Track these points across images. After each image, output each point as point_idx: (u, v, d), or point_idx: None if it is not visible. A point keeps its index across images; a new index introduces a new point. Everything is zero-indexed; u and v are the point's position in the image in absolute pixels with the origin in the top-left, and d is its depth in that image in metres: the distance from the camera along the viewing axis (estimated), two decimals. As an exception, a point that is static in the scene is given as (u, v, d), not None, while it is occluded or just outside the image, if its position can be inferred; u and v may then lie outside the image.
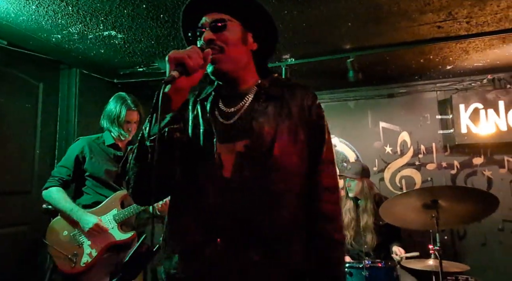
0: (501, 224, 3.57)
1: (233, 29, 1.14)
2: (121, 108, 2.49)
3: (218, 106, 1.16)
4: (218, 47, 1.10)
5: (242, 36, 1.15)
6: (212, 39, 1.10)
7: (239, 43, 1.14)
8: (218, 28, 1.12)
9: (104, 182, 2.45)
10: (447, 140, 3.86)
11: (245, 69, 1.18)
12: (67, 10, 2.43)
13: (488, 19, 2.62)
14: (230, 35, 1.13)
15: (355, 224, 3.15)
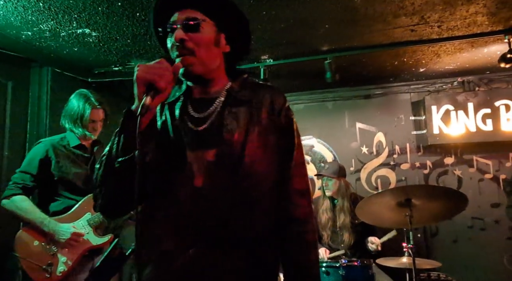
0: (470, 221, 3.70)
1: (206, 29, 1.09)
2: (84, 107, 2.32)
3: (188, 111, 1.11)
4: (190, 49, 1.06)
5: (215, 37, 1.11)
6: (184, 39, 1.05)
7: (211, 45, 1.10)
8: (191, 28, 1.06)
9: (74, 186, 2.32)
10: (420, 140, 3.98)
11: (216, 71, 1.14)
12: (38, 6, 2.34)
13: (458, 24, 2.71)
14: (203, 36, 1.08)
15: (332, 224, 3.20)
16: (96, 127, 2.39)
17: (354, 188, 3.95)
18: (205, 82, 1.13)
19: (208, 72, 1.10)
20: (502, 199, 3.67)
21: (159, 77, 0.94)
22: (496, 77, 3.80)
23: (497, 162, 3.73)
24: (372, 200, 2.66)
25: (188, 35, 1.06)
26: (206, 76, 1.11)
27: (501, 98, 3.65)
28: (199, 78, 1.11)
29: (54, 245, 2.23)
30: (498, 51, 3.07)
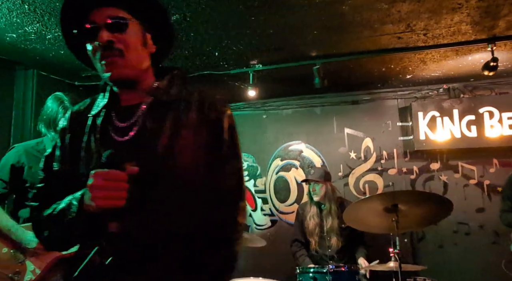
0: (456, 226, 3.75)
1: (133, 29, 1.01)
2: (57, 110, 2.18)
3: (112, 121, 1.04)
4: (118, 51, 0.98)
5: (142, 38, 1.04)
6: (111, 41, 0.97)
7: (139, 46, 1.03)
8: (117, 28, 0.98)
9: None
10: (407, 146, 4.03)
11: (144, 73, 1.06)
12: (23, 9, 2.31)
13: (443, 32, 2.77)
14: (131, 37, 1.00)
15: (319, 229, 3.20)
16: None
17: (342, 193, 3.97)
18: (132, 85, 1.05)
19: (136, 75, 1.03)
20: (486, 204, 3.73)
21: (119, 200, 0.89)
22: (480, 85, 3.88)
23: (481, 168, 3.80)
24: (359, 205, 2.67)
25: (114, 35, 0.97)
26: (135, 79, 1.04)
27: (485, 105, 3.73)
28: (127, 82, 1.03)
29: (23, 253, 2.12)
30: (482, 59, 3.14)
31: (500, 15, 2.52)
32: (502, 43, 2.90)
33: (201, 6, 2.33)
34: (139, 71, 1.04)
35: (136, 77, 1.04)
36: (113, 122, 1.04)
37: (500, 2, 2.35)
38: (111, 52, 0.97)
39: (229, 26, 2.61)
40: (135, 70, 1.02)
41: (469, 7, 2.40)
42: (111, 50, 0.97)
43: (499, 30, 2.75)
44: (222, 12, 2.41)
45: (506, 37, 2.83)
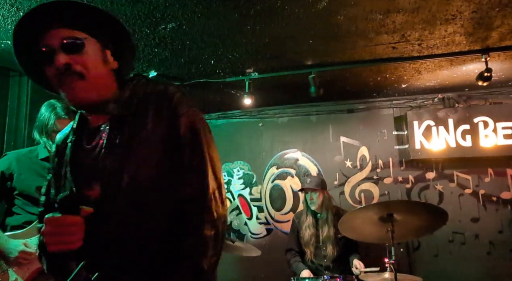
0: (451, 236, 3.74)
1: (91, 48, 0.97)
2: (49, 117, 2.19)
3: (82, 145, 1.03)
4: (77, 74, 0.94)
5: (101, 56, 1.00)
6: (69, 64, 0.92)
7: (99, 65, 0.99)
8: (73, 49, 0.93)
9: (36, 200, 2.13)
10: (402, 155, 4.03)
11: (108, 92, 1.02)
12: (18, 16, 2.31)
13: (437, 43, 2.79)
14: (90, 57, 0.96)
15: (315, 239, 3.17)
16: None
17: (338, 202, 3.96)
18: (96, 106, 1.00)
19: (100, 96, 0.99)
20: (481, 213, 3.73)
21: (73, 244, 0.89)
22: (474, 94, 3.90)
23: (476, 178, 3.80)
24: (354, 215, 2.66)
25: (71, 57, 0.93)
26: (99, 101, 1.00)
27: (480, 115, 3.75)
28: (92, 106, 1.00)
29: (6, 262, 2.09)
30: (476, 69, 3.16)
31: (493, 27, 2.55)
32: (496, 53, 2.93)
33: (197, 15, 2.34)
34: (103, 92, 1.00)
35: (100, 99, 0.99)
36: (83, 146, 1.03)
37: (493, 14, 2.37)
38: (71, 76, 0.93)
39: (225, 35, 2.62)
40: (98, 90, 0.98)
41: (462, 18, 2.43)
42: (70, 74, 0.93)
43: (492, 41, 2.78)
44: (218, 20, 2.42)
45: (500, 48, 2.85)
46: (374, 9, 2.31)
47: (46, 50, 0.94)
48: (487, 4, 2.26)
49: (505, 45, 2.82)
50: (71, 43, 0.94)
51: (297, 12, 2.34)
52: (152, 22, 2.42)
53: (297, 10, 2.31)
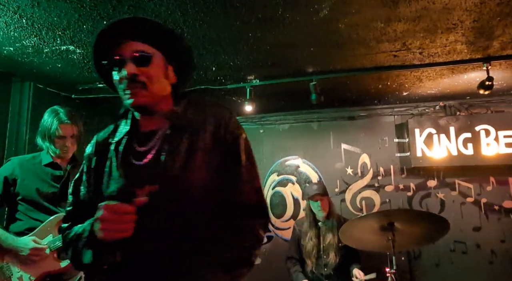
0: (453, 245, 3.72)
1: (156, 63, 1.10)
2: (52, 122, 2.21)
3: (132, 146, 1.12)
4: (141, 83, 1.06)
5: (164, 70, 1.13)
6: (136, 74, 1.06)
7: (161, 78, 1.11)
8: (142, 62, 1.07)
9: (39, 206, 2.19)
10: (403, 162, 4.02)
11: (164, 102, 1.14)
12: (21, 23, 2.32)
13: (438, 51, 2.79)
14: (154, 70, 1.09)
15: (317, 250, 3.13)
16: (66, 143, 2.25)
17: (339, 210, 3.94)
18: (152, 112, 1.12)
19: (156, 103, 1.11)
20: (483, 223, 3.71)
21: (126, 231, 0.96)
22: (476, 103, 3.90)
23: (478, 186, 3.78)
24: (355, 223, 2.65)
25: (139, 69, 1.06)
26: (154, 107, 1.11)
27: (481, 123, 3.74)
28: (147, 109, 1.11)
29: (9, 268, 2.09)
30: (477, 78, 3.16)
31: (494, 36, 2.55)
32: (497, 62, 2.93)
33: (198, 22, 2.35)
34: (158, 101, 1.11)
35: (156, 105, 1.11)
36: (133, 147, 1.12)
37: (494, 23, 2.37)
38: (135, 84, 1.06)
39: (226, 42, 2.63)
40: (155, 99, 1.10)
41: (463, 27, 2.43)
42: (135, 83, 1.06)
43: (493, 50, 2.78)
44: (219, 28, 2.43)
45: (501, 57, 2.85)
46: (375, 18, 2.32)
47: (119, 59, 1.07)
48: (488, 13, 2.26)
49: (507, 54, 2.82)
50: (140, 57, 1.07)
51: (298, 20, 2.34)
52: (154, 29, 2.43)
53: (298, 18, 2.31)
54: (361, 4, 2.15)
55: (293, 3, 2.14)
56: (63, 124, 2.23)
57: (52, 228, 2.20)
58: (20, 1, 2.09)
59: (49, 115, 2.27)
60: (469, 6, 2.18)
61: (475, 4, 2.16)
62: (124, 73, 1.05)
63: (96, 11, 2.21)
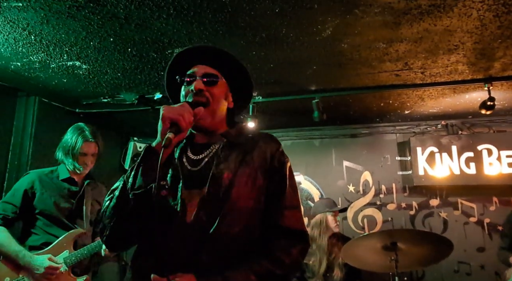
0: (457, 265, 3.66)
1: (221, 86, 1.23)
2: (77, 139, 2.31)
3: (187, 154, 1.21)
4: (205, 99, 1.18)
5: (225, 94, 1.25)
6: (202, 90, 1.18)
7: (222, 100, 1.23)
8: (210, 82, 1.20)
9: (56, 220, 2.24)
10: (406, 181, 4.00)
11: (220, 123, 1.26)
12: (29, 39, 2.36)
13: (440, 71, 2.82)
14: (218, 91, 1.21)
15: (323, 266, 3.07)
16: (87, 161, 2.35)
17: (341, 228, 3.89)
18: (209, 132, 1.24)
19: (214, 124, 1.23)
20: (487, 243, 3.66)
21: (182, 117, 1.06)
22: (478, 122, 3.91)
23: (481, 206, 3.75)
24: (358, 242, 2.61)
25: (206, 86, 1.20)
26: (211, 128, 1.23)
27: (483, 143, 3.74)
28: (205, 129, 1.23)
29: (33, 278, 2.11)
30: (479, 97, 3.18)
31: (495, 57, 2.58)
32: (499, 83, 2.95)
33: (203, 41, 2.39)
34: (216, 122, 1.23)
35: (212, 127, 1.23)
36: (187, 154, 1.22)
37: (495, 45, 2.41)
38: (200, 98, 1.17)
39: (230, 60, 2.66)
40: (214, 119, 1.22)
41: (465, 48, 2.46)
42: (200, 97, 1.18)
43: (495, 71, 2.80)
44: (224, 46, 2.45)
45: (502, 78, 2.88)
46: (377, 38, 2.35)
47: (190, 76, 1.22)
48: (489, 36, 2.29)
49: (508, 75, 2.85)
50: (210, 76, 1.21)
51: (302, 40, 2.38)
52: (159, 47, 2.47)
53: (302, 37, 2.35)
54: (364, 25, 2.19)
55: (297, 23, 2.18)
56: (88, 142, 2.33)
57: (68, 244, 2.24)
58: (30, 19, 2.14)
59: (73, 132, 2.35)
60: (470, 28, 2.22)
61: (476, 26, 2.19)
62: (192, 87, 1.18)
63: (104, 29, 2.25)
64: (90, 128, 2.40)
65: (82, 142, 2.31)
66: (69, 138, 2.34)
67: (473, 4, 1.97)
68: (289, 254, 1.13)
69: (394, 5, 1.98)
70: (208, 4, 2.00)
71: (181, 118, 1.06)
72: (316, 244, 3.14)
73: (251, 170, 1.17)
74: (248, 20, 2.15)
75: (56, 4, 2.00)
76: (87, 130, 2.37)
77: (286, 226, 1.16)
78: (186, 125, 1.07)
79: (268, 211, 1.17)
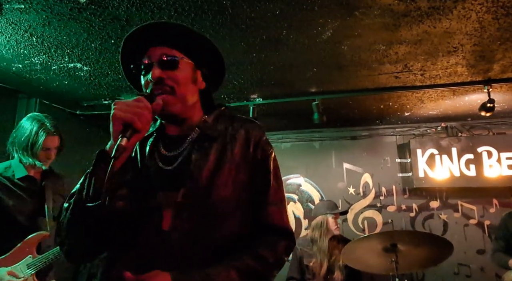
0: (457, 267, 3.66)
1: (184, 67, 1.06)
2: (38, 133, 2.04)
3: (159, 150, 1.07)
4: (169, 87, 1.03)
5: (192, 75, 1.08)
6: (162, 78, 1.02)
7: (189, 83, 1.07)
8: (168, 65, 1.03)
9: (15, 223, 2.02)
10: (406, 183, 4.00)
11: (192, 109, 1.10)
12: (31, 41, 2.37)
13: (439, 73, 2.83)
14: (181, 74, 1.04)
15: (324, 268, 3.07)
16: (49, 155, 2.11)
17: (341, 230, 3.89)
18: (180, 120, 1.09)
19: (185, 110, 1.07)
20: (487, 245, 3.65)
21: (138, 116, 0.91)
22: (477, 124, 3.92)
23: (481, 208, 3.76)
24: (358, 244, 2.61)
25: (166, 72, 1.02)
26: (182, 115, 1.08)
27: (483, 145, 3.75)
28: (176, 117, 1.07)
29: None
30: (479, 99, 3.19)
31: (495, 59, 2.59)
32: (498, 85, 2.96)
33: (204, 42, 2.40)
34: (187, 107, 1.07)
35: (184, 114, 1.08)
36: (159, 150, 1.07)
37: (494, 47, 2.42)
38: (162, 88, 1.02)
39: (231, 62, 2.67)
40: (184, 106, 1.06)
41: (464, 50, 2.47)
42: (161, 86, 1.02)
43: (494, 73, 2.81)
44: (224, 48, 2.48)
45: (501, 80, 2.89)
46: (377, 41, 2.37)
47: (145, 64, 1.05)
48: (489, 38, 2.31)
49: (507, 77, 2.86)
50: (168, 61, 1.03)
51: (302, 42, 2.39)
52: (160, 49, 2.48)
53: (302, 40, 2.36)
54: (363, 27, 2.20)
55: (297, 25, 2.19)
56: (50, 136, 2.08)
57: (30, 248, 2.04)
58: (32, 21, 2.15)
59: (32, 123, 2.08)
60: (469, 31, 2.23)
61: (475, 28, 2.20)
62: (149, 77, 1.02)
63: (105, 31, 2.26)
64: (50, 119, 2.14)
65: (45, 136, 2.05)
66: (27, 132, 2.06)
67: (472, 6, 1.99)
68: (273, 251, 1.04)
69: (393, 7, 2.00)
70: (208, 6, 2.01)
71: (135, 119, 0.90)
72: (316, 246, 3.14)
73: (232, 165, 1.05)
74: (248, 22, 2.16)
75: (58, 6, 2.01)
76: (48, 122, 2.10)
77: (270, 223, 1.07)
78: (142, 125, 0.91)
79: (251, 208, 1.06)
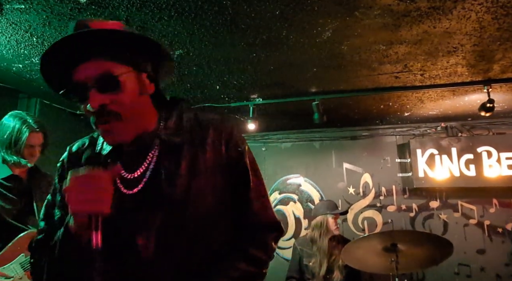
0: (457, 267, 3.66)
1: (127, 83, 0.86)
2: (20, 130, 1.98)
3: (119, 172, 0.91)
4: (114, 113, 0.85)
5: (138, 85, 0.90)
6: (104, 105, 0.84)
7: (136, 97, 0.89)
8: (108, 87, 0.84)
9: (4, 224, 1.97)
10: (406, 183, 4.01)
11: (146, 118, 0.94)
12: (31, 41, 2.38)
13: (439, 73, 2.83)
14: (126, 93, 0.86)
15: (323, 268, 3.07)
16: (34, 152, 2.06)
17: (341, 230, 3.90)
18: (136, 137, 0.93)
19: (138, 126, 0.92)
20: (487, 245, 3.66)
21: (101, 203, 0.78)
22: (477, 124, 3.92)
23: (481, 208, 3.76)
24: (358, 244, 2.62)
25: (107, 96, 0.84)
26: (137, 131, 0.92)
27: (483, 145, 3.75)
28: (129, 140, 0.92)
29: None
30: (478, 100, 3.19)
31: (495, 59, 2.59)
32: (498, 85, 2.96)
33: (204, 42, 2.40)
34: (140, 123, 0.92)
35: (138, 129, 0.92)
36: (120, 174, 0.92)
37: (494, 47, 2.42)
38: (107, 117, 0.85)
39: (231, 62, 2.68)
40: (136, 125, 0.91)
41: (464, 50, 2.48)
42: (106, 115, 0.85)
43: (494, 73, 2.82)
44: (224, 48, 2.48)
45: (501, 80, 2.89)
46: (377, 41, 2.37)
47: (80, 86, 0.85)
48: (488, 38, 2.31)
49: (507, 77, 2.86)
50: (105, 81, 0.84)
51: (302, 42, 2.39)
52: (161, 49, 2.48)
53: (302, 40, 2.37)
54: (364, 27, 2.21)
55: (297, 25, 2.20)
56: (34, 132, 2.03)
57: (22, 247, 1.99)
58: (32, 21, 2.15)
59: (14, 121, 2.03)
60: (469, 31, 2.23)
61: (475, 28, 2.21)
62: (88, 107, 0.83)
63: (105, 31, 2.26)
64: (32, 116, 2.09)
65: (28, 133, 2.00)
66: (9, 129, 2.00)
67: (472, 6, 1.99)
68: (264, 248, 0.99)
69: (393, 7, 2.00)
70: (209, 6, 2.01)
71: (99, 206, 0.78)
72: (316, 246, 3.14)
73: (207, 170, 0.94)
74: (248, 22, 2.16)
75: (58, 6, 2.02)
76: (31, 119, 2.04)
77: (257, 221, 1.00)
78: (109, 208, 0.79)
79: (235, 209, 0.98)
